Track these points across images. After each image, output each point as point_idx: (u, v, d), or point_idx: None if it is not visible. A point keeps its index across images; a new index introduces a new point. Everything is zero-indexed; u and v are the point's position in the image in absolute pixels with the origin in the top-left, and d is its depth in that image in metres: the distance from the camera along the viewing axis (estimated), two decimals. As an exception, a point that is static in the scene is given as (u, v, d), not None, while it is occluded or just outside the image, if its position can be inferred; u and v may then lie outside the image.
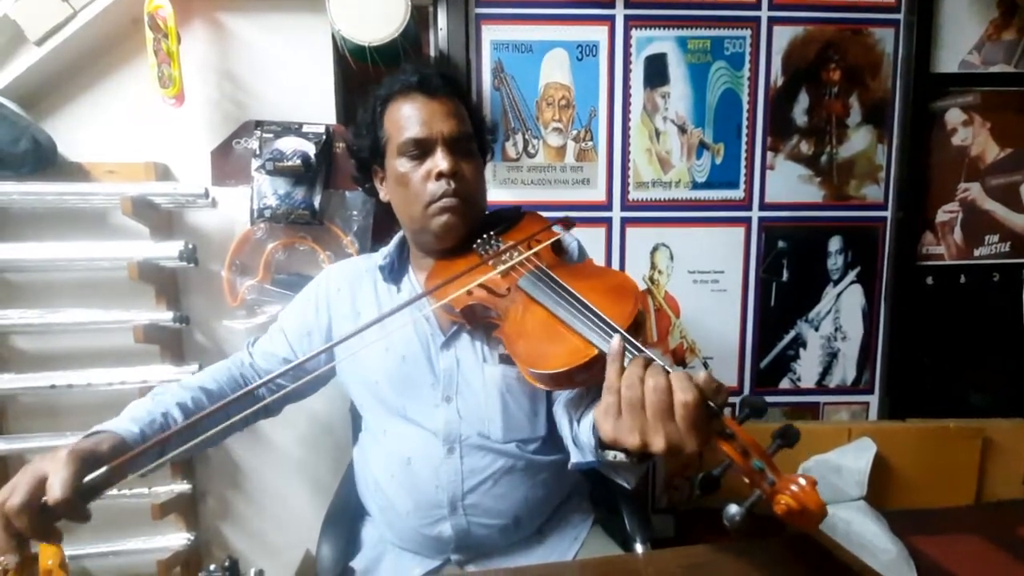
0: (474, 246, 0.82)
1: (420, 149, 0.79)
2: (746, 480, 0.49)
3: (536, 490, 0.83)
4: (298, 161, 1.06)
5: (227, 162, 1.12)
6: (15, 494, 0.54)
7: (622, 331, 0.58)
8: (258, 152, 1.10)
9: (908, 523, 1.25)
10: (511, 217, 0.90)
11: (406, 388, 0.82)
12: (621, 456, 0.57)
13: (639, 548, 0.86)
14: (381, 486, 0.85)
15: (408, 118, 0.80)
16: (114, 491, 1.08)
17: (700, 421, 0.49)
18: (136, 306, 1.10)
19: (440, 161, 0.78)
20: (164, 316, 1.07)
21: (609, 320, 0.60)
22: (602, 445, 0.59)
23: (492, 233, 0.84)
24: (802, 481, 0.46)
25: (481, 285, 0.73)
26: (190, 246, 1.06)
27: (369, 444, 0.89)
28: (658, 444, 0.49)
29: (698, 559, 0.66)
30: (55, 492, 0.54)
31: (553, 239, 0.82)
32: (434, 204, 0.79)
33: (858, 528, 1.21)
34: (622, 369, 0.52)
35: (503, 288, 0.74)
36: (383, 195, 0.88)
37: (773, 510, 0.47)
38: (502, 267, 0.75)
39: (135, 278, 1.02)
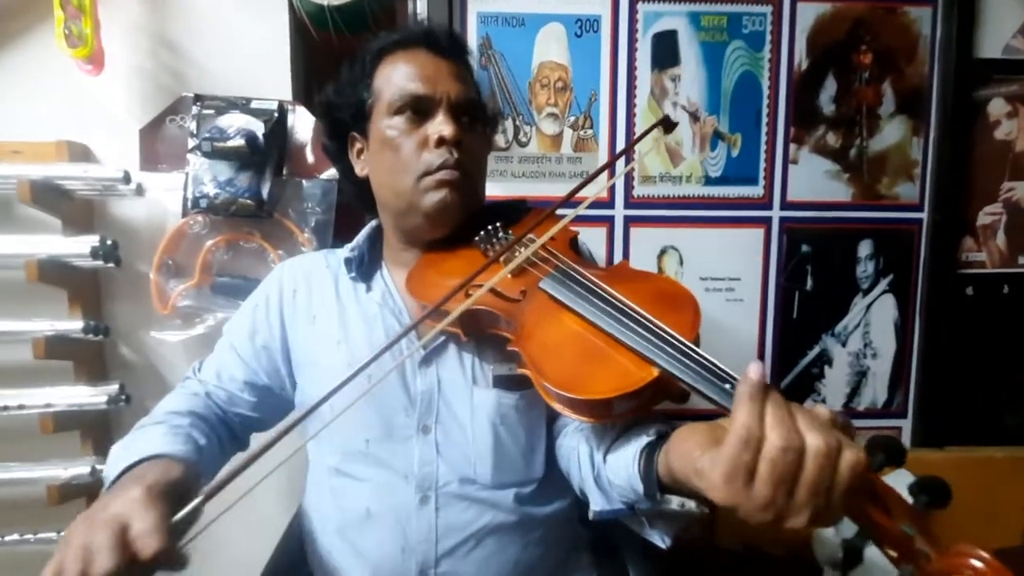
0: (476, 239, 0.69)
1: (418, 110, 0.66)
2: (890, 552, 0.38)
3: (529, 551, 0.67)
4: (241, 141, 0.89)
5: (159, 143, 0.94)
6: (99, 557, 0.42)
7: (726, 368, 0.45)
8: (195, 131, 0.92)
9: (952, 569, 1.08)
10: (515, 210, 0.76)
11: (371, 413, 0.66)
12: (691, 505, 0.47)
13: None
14: (328, 548, 0.68)
15: (408, 73, 0.67)
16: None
17: (861, 487, 0.38)
18: (42, 314, 0.91)
19: (442, 125, 0.65)
20: (73, 326, 0.89)
21: (674, 333, 0.48)
22: (662, 489, 0.48)
23: (498, 225, 0.70)
24: (982, 559, 0.35)
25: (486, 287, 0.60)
26: (108, 242, 0.88)
27: (317, 490, 0.72)
28: (799, 522, 0.37)
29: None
30: (150, 542, 0.43)
31: (565, 232, 0.69)
32: (429, 176, 0.65)
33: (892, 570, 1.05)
34: (763, 415, 0.38)
35: (515, 291, 0.62)
36: (359, 169, 0.74)
37: None
38: (517, 263, 0.62)
39: (34, 279, 0.84)
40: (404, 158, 0.67)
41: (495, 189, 1.16)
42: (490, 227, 0.70)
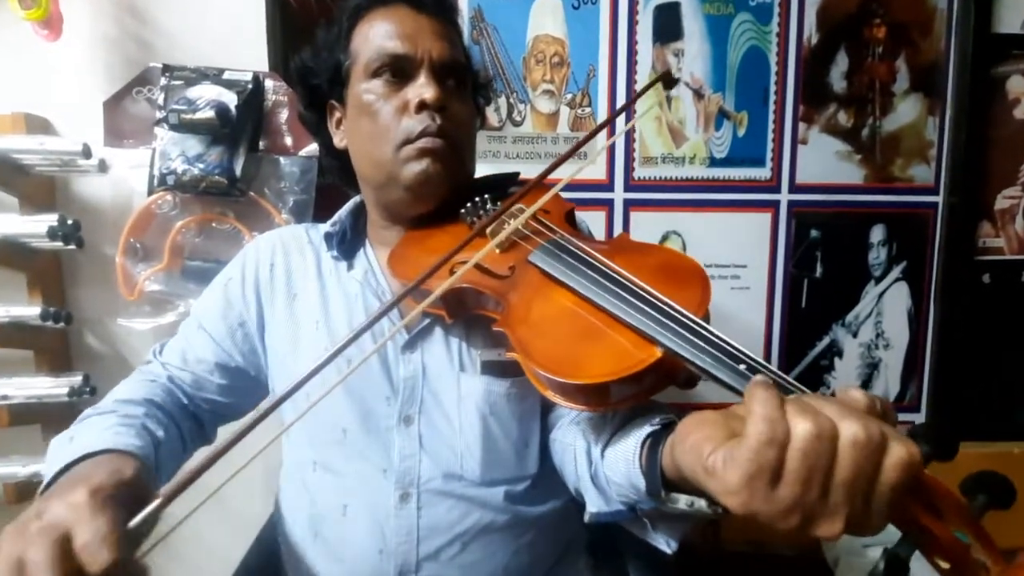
0: (462, 212, 0.64)
1: (398, 71, 0.61)
2: (941, 563, 0.33)
3: (520, 556, 0.62)
4: (211, 112, 0.82)
5: (124, 117, 0.87)
6: (37, 575, 0.35)
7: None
8: (163, 104, 0.86)
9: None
10: (507, 182, 0.71)
11: (349, 401, 0.61)
12: (701, 504, 0.40)
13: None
14: (302, 549, 0.63)
15: (386, 31, 0.62)
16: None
17: (910, 486, 0.32)
18: (-2, 299, 0.85)
19: (423, 88, 0.60)
20: (31, 312, 0.82)
21: (680, 308, 0.43)
22: (667, 485, 0.42)
23: (486, 197, 0.65)
24: None
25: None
26: (69, 222, 0.82)
27: (291, 485, 0.67)
28: (832, 530, 0.31)
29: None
30: (100, 556, 0.36)
31: (561, 204, 0.64)
32: (410, 145, 0.60)
33: (912, 578, 0.99)
34: (783, 402, 0.32)
35: (504, 267, 0.57)
36: (338, 141, 0.68)
37: None
38: (506, 235, 0.57)
39: (-17, 260, 0.78)
40: (382, 125, 0.61)
41: (486, 170, 1.10)
42: (477, 199, 0.64)
